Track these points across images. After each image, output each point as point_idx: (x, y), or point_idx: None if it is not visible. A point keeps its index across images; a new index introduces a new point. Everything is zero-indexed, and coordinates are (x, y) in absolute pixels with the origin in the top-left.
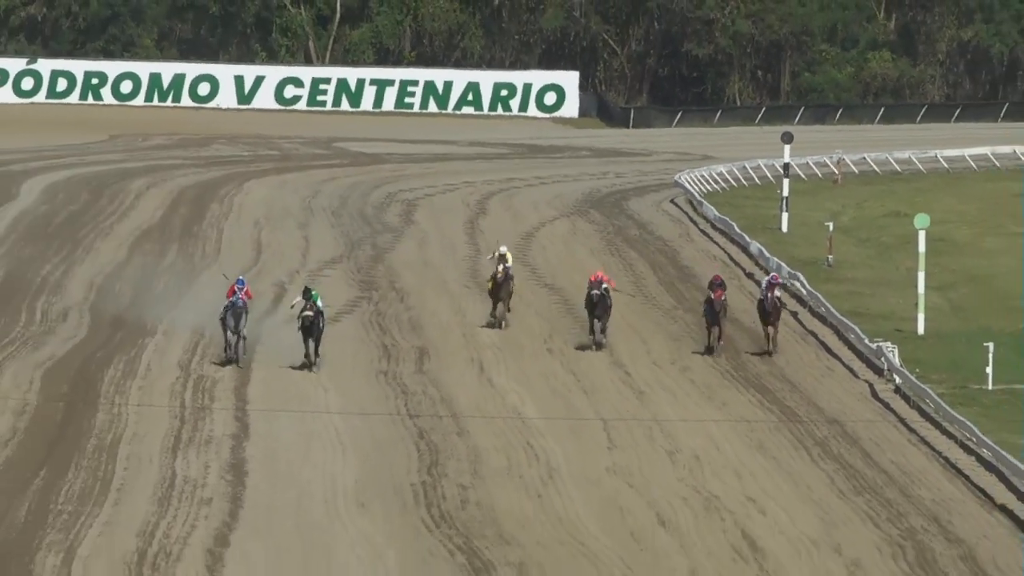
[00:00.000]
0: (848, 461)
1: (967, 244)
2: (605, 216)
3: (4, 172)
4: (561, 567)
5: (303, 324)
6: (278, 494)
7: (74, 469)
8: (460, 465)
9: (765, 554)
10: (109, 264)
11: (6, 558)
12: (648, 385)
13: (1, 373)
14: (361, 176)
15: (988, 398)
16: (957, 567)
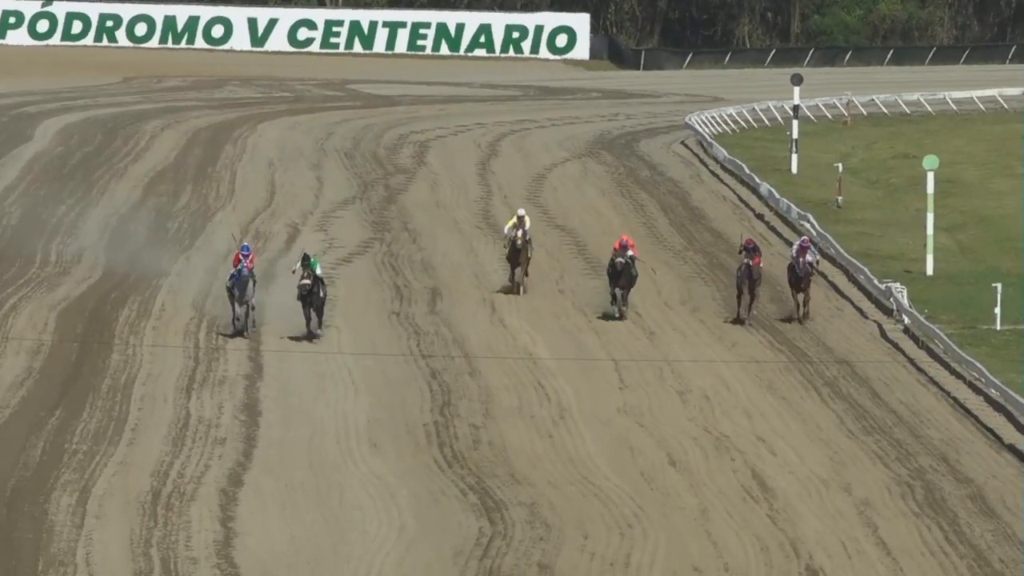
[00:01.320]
0: (857, 401)
1: (975, 185)
2: (616, 157)
3: (19, 114)
4: (572, 506)
5: (300, 293)
6: (291, 434)
7: (89, 409)
8: (472, 405)
9: (775, 493)
10: (124, 205)
11: (22, 497)
12: (658, 325)
13: (17, 314)
14: (374, 118)
15: (996, 338)
16: (965, 506)
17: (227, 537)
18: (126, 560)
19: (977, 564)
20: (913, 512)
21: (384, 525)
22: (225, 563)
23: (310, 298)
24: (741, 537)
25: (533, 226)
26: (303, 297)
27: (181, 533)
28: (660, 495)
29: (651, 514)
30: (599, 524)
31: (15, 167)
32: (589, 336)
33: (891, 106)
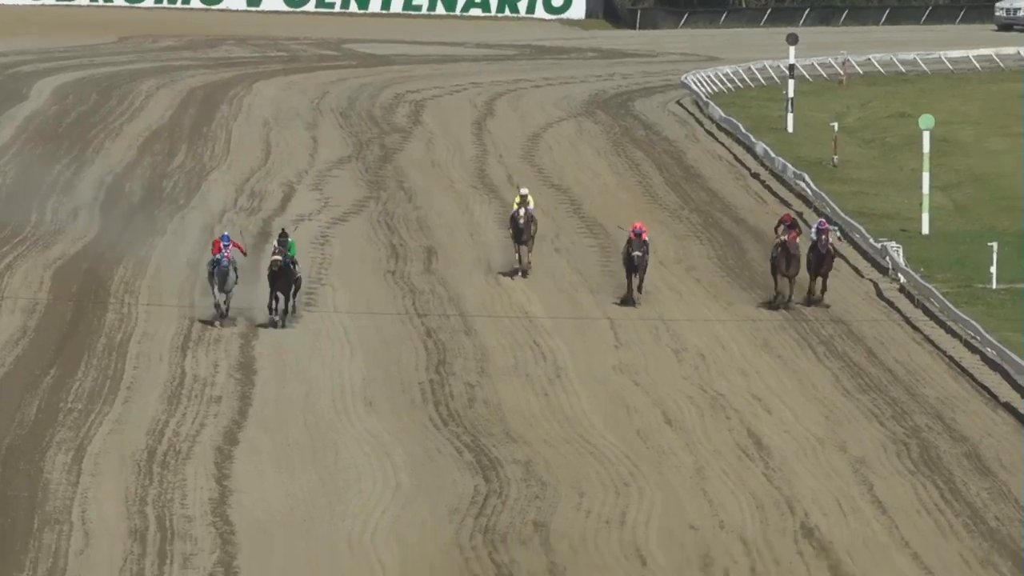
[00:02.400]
0: (853, 360)
1: (971, 144)
2: (611, 117)
3: (14, 73)
4: (568, 465)
5: (271, 270)
6: (286, 392)
7: (84, 367)
8: (467, 364)
9: (771, 452)
10: (119, 164)
11: (17, 455)
12: (653, 284)
13: (12, 273)
14: (369, 77)
15: (992, 297)
16: (961, 465)
17: (222, 495)
18: (121, 518)
19: (972, 522)
20: (908, 470)
21: (379, 483)
22: (220, 521)
23: (279, 277)
24: (737, 495)
25: (527, 183)
26: (272, 274)
27: (176, 491)
28: (656, 453)
29: (647, 472)
30: (595, 482)
31: (10, 126)
32: (584, 295)
33: (887, 65)
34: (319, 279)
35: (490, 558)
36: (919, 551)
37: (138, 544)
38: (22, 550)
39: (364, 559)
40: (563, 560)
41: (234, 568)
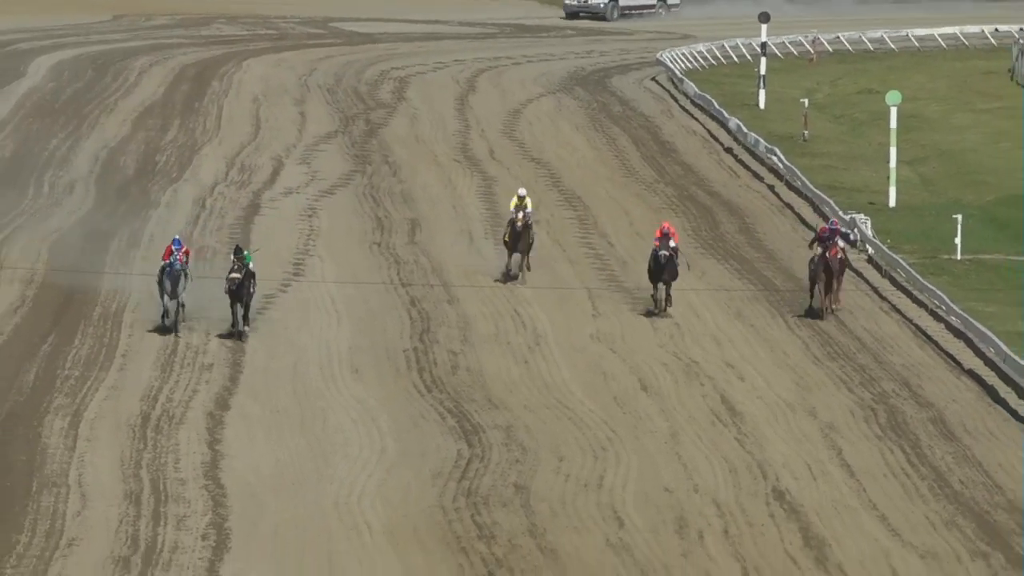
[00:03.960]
0: (822, 328)
1: (937, 120)
2: (589, 93)
3: (12, 51)
4: (547, 430)
5: (228, 287)
6: (276, 361)
7: (80, 336)
8: (450, 332)
9: (743, 417)
10: (114, 139)
11: (15, 421)
12: (630, 255)
13: (10, 244)
14: (355, 55)
15: (957, 267)
16: (927, 429)
17: (214, 459)
18: (117, 481)
19: (938, 485)
20: (876, 435)
21: (366, 448)
22: (213, 484)
23: (239, 292)
24: (710, 459)
25: (508, 157)
26: (231, 292)
27: (170, 455)
28: (632, 419)
29: (623, 437)
30: (573, 447)
31: (8, 102)
32: (563, 266)
33: (855, 43)
34: (307, 251)
35: (472, 520)
36: (886, 513)
37: (133, 506)
38: (21, 512)
39: (351, 521)
40: (543, 522)
41: (226, 529)
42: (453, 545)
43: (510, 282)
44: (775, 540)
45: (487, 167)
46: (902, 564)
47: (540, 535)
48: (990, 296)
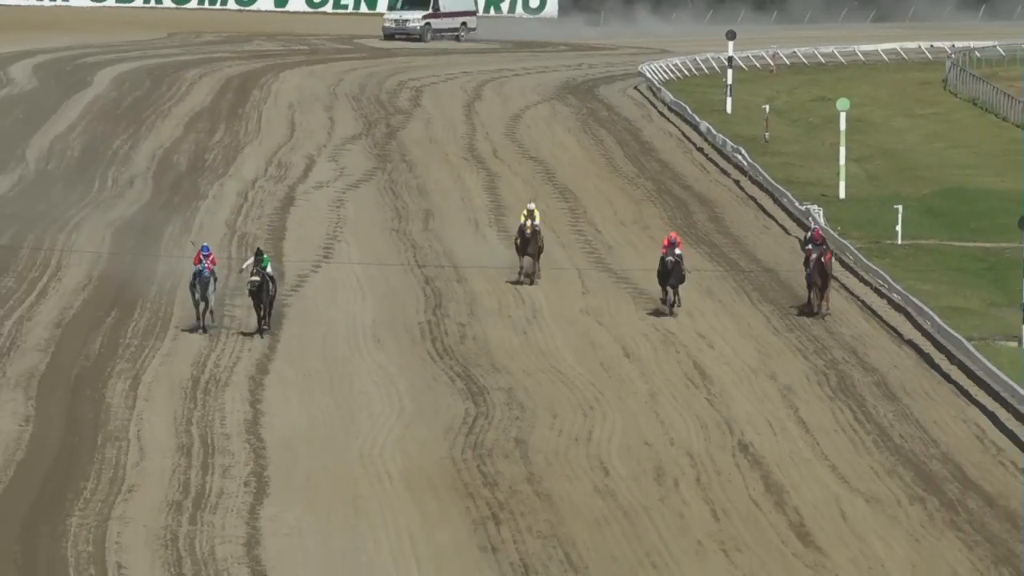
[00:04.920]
0: (781, 304)
1: (880, 124)
2: (580, 100)
3: (80, 64)
4: (543, 391)
5: (250, 289)
6: (308, 331)
7: (139, 310)
8: (459, 307)
9: (712, 380)
10: (168, 140)
11: (83, 383)
12: (615, 240)
13: (79, 231)
14: (377, 67)
15: (898, 251)
16: (871, 391)
17: (255, 417)
18: (170, 436)
19: (881, 440)
20: (828, 396)
21: (386, 407)
22: (254, 438)
23: (260, 294)
24: (684, 417)
25: (508, 156)
26: (253, 293)
27: (217, 413)
28: (616, 382)
29: (609, 398)
30: (566, 406)
31: (77, 108)
32: (556, 249)
33: (810, 57)
34: (335, 237)
35: (478, 469)
36: (836, 463)
37: (184, 457)
38: (88, 462)
39: (373, 470)
40: (539, 471)
41: (265, 477)
42: (461, 491)
43: (524, 282)
44: (740, 487)
45: (491, 164)
46: (850, 507)
47: (537, 482)
48: (926, 276)
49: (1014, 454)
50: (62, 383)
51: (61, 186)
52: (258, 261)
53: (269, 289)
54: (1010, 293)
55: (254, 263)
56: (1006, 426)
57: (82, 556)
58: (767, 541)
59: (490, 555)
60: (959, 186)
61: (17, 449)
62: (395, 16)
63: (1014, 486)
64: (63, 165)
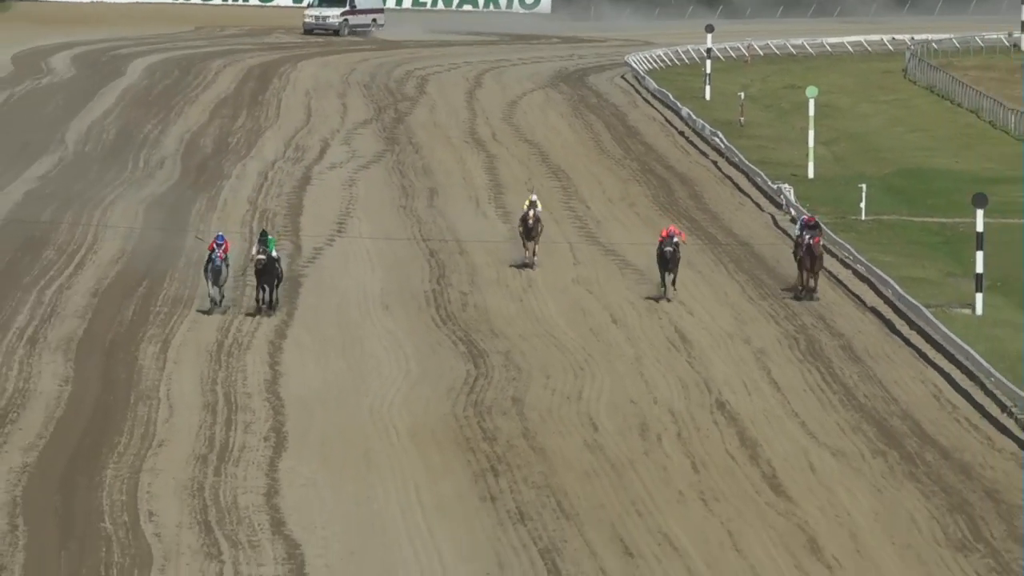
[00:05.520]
0: (756, 274)
1: (846, 109)
2: (571, 88)
3: (115, 55)
4: (537, 354)
5: (255, 267)
6: (323, 299)
7: (168, 279)
8: (461, 277)
9: (692, 344)
10: (195, 124)
11: (117, 347)
12: (603, 216)
13: (114, 208)
14: (386, 58)
15: (862, 226)
16: (837, 354)
17: (274, 377)
18: (197, 395)
19: (846, 398)
20: (797, 359)
21: (394, 369)
22: (273, 397)
23: (265, 273)
24: (667, 377)
25: (506, 138)
26: (258, 272)
27: (239, 374)
28: (605, 345)
29: (598, 360)
30: (558, 367)
31: (112, 95)
32: (550, 224)
33: (781, 48)
34: (348, 213)
35: (478, 425)
36: (805, 420)
37: (210, 414)
38: (122, 419)
39: (382, 426)
40: (534, 427)
41: (283, 432)
42: (463, 445)
43: (524, 267)
44: (718, 441)
45: (490, 147)
46: (818, 460)
47: (532, 437)
48: (888, 248)
49: (968, 412)
50: (98, 347)
51: (97, 167)
52: (263, 241)
53: (275, 268)
54: (964, 264)
55: (259, 244)
56: (960, 386)
57: (116, 505)
58: (742, 491)
59: (489, 504)
60: (917, 167)
61: (57, 407)
62: (315, 13)
63: (967, 440)
64: (99, 148)
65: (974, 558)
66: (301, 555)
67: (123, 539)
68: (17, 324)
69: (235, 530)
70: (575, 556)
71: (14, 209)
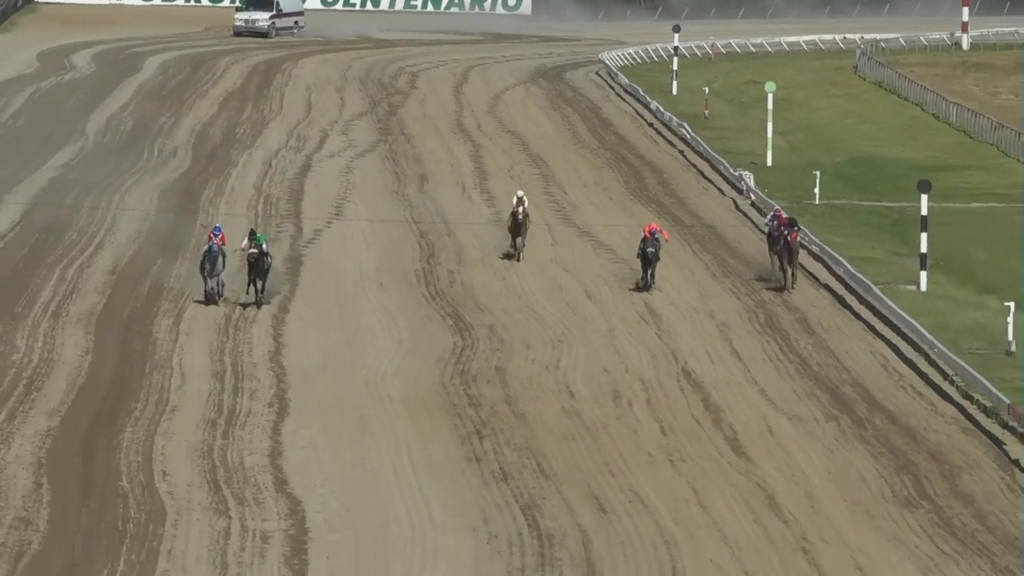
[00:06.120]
0: (718, 254)
1: (801, 103)
2: (550, 83)
3: (132, 53)
4: (519, 327)
5: (248, 260)
6: (322, 277)
7: (180, 258)
8: (449, 256)
9: (661, 318)
10: (205, 116)
11: (133, 321)
12: (579, 201)
13: (130, 193)
14: (380, 55)
15: (816, 210)
16: (794, 327)
17: (277, 349)
18: (207, 364)
19: (802, 367)
20: (757, 331)
21: (388, 341)
22: (276, 366)
23: (256, 266)
24: (637, 349)
25: (489, 129)
26: (249, 265)
27: (245, 346)
28: (580, 319)
29: (574, 332)
30: (538, 339)
31: (128, 90)
32: (532, 209)
33: (743, 47)
34: (345, 197)
35: (465, 392)
36: (764, 387)
37: (218, 382)
38: (138, 387)
39: (376, 393)
40: (515, 393)
41: (286, 399)
42: (450, 411)
43: (512, 260)
44: (684, 407)
45: (475, 137)
46: (776, 424)
47: (513, 403)
48: (840, 230)
49: (913, 380)
50: (116, 320)
51: (115, 156)
52: (252, 238)
53: (264, 263)
54: (910, 245)
55: (249, 241)
56: (906, 356)
57: (133, 465)
58: (706, 453)
59: (475, 464)
60: (867, 155)
61: (78, 375)
62: (245, 16)
63: (912, 406)
64: (117, 138)
65: (919, 513)
66: (302, 511)
67: (139, 496)
68: (42, 299)
69: (241, 488)
70: (553, 512)
71: (39, 194)
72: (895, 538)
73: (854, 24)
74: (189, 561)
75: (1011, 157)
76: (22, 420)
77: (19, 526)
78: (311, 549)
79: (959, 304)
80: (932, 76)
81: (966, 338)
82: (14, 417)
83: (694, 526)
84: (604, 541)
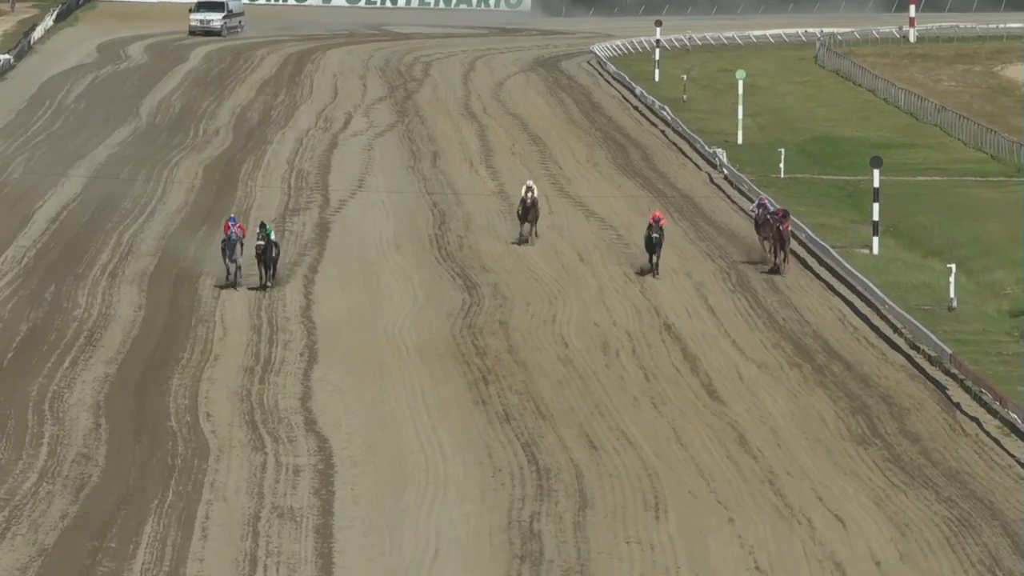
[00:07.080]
0: (695, 221)
1: (768, 88)
2: (547, 71)
3: (180, 45)
4: (520, 286)
5: (256, 252)
6: (347, 241)
7: (222, 226)
8: (458, 223)
9: (645, 278)
10: (244, 100)
11: (182, 280)
12: (573, 175)
13: (178, 167)
14: (398, 47)
15: (781, 183)
16: (762, 285)
17: (308, 304)
18: (246, 318)
19: (769, 321)
20: (730, 289)
21: (404, 298)
22: (307, 320)
23: (264, 256)
24: (623, 304)
25: (493, 111)
26: (258, 256)
27: (279, 302)
28: (574, 279)
29: (568, 291)
30: (536, 296)
31: (177, 77)
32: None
33: (716, 39)
34: (367, 172)
35: (472, 343)
36: (736, 339)
37: (255, 334)
38: (185, 338)
39: (394, 343)
40: (516, 344)
41: (315, 349)
42: (459, 359)
43: (523, 245)
44: (665, 356)
45: (482, 119)
46: (746, 371)
47: (515, 353)
48: (802, 201)
49: (866, 332)
50: (166, 279)
51: (165, 135)
52: (262, 229)
53: (272, 252)
54: (863, 213)
55: (259, 230)
56: (860, 311)
57: (180, 407)
58: (684, 396)
59: (481, 406)
60: (826, 134)
61: (132, 328)
62: (200, 16)
63: (866, 356)
64: (167, 119)
65: (872, 450)
66: (329, 448)
67: (186, 435)
68: (101, 261)
69: (276, 428)
70: (550, 448)
71: (99, 169)
72: (851, 471)
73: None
74: (230, 492)
75: (952, 136)
76: (83, 367)
77: (81, 461)
78: (337, 480)
79: (907, 266)
80: (883, 65)
81: (913, 295)
82: (76, 365)
83: (674, 461)
84: (595, 474)
